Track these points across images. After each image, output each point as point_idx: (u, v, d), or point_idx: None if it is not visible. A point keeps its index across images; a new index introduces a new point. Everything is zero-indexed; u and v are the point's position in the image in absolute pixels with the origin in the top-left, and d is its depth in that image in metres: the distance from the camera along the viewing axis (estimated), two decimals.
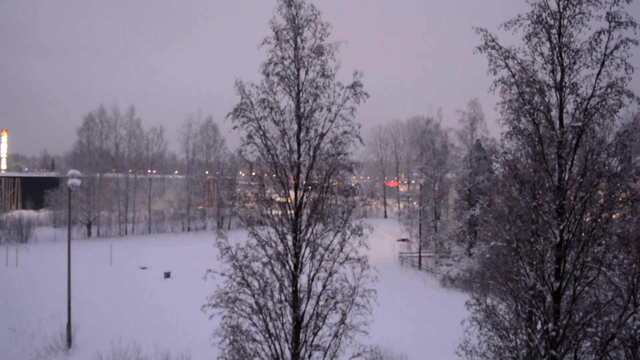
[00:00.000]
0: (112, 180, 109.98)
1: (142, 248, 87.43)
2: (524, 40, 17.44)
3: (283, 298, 18.52)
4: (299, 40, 18.71)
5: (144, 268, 70.36)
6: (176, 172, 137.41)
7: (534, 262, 17.63)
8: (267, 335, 18.49)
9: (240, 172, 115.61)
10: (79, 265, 62.57)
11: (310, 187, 18.85)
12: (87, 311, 46.23)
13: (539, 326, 18.28)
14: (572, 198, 17.19)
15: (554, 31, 17.11)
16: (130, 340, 33.96)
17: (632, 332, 18.40)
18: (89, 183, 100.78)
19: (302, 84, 18.77)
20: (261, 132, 18.64)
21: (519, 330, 18.68)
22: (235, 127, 18.62)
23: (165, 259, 74.82)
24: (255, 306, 18.51)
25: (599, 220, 16.95)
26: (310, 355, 18.65)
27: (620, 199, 17.11)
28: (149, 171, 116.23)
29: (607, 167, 16.83)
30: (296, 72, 18.76)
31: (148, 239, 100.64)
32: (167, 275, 64.63)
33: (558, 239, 16.97)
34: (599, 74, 16.71)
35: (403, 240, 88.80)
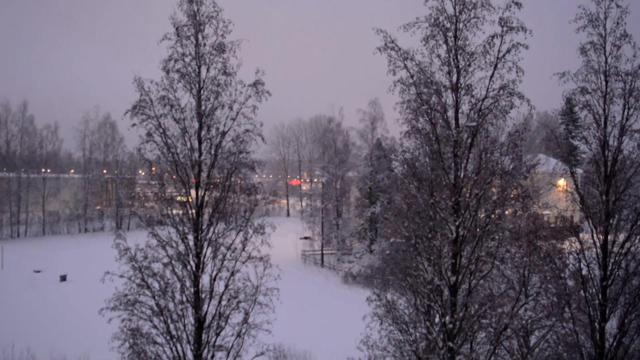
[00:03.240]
0: (2, 180, 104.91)
1: (36, 251, 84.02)
2: (422, 42, 17.90)
3: (184, 299, 18.24)
4: (200, 36, 18.45)
5: (38, 271, 67.50)
6: (72, 171, 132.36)
7: (432, 258, 18.15)
8: (168, 338, 18.14)
9: (140, 171, 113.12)
10: None
11: (211, 186, 18.65)
12: None
13: (437, 319, 18.84)
14: (467, 195, 17.85)
15: (450, 34, 17.65)
16: (24, 347, 32.54)
17: (524, 322, 19.31)
18: None
19: (204, 81, 18.53)
20: (161, 130, 18.26)
21: (418, 324, 19.16)
22: (134, 125, 18.15)
23: (61, 262, 71.92)
24: (155, 308, 18.12)
25: (493, 216, 17.69)
26: (213, 356, 18.45)
27: (512, 195, 17.88)
28: (43, 170, 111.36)
29: (499, 166, 17.58)
30: (197, 69, 18.49)
31: (42, 241, 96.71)
32: (63, 278, 62.36)
33: (454, 234, 17.56)
34: (492, 76, 17.42)
35: (305, 238, 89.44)
